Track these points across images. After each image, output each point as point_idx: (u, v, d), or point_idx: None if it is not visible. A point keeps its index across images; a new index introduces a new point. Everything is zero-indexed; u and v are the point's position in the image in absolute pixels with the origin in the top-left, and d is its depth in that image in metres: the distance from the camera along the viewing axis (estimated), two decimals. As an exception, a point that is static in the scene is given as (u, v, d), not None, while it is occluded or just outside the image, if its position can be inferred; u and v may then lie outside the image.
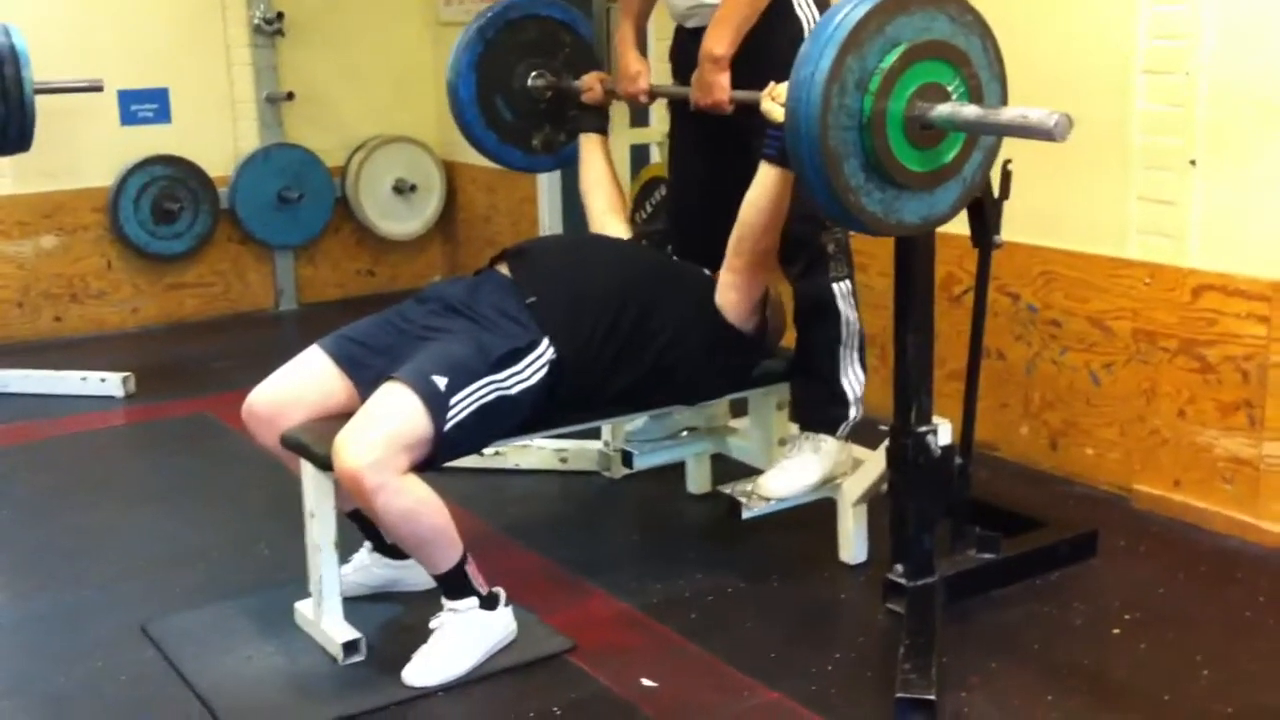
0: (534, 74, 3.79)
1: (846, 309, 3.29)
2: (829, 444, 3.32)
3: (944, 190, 2.57)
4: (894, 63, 2.41)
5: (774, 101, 2.93)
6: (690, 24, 3.39)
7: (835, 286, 3.28)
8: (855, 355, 3.33)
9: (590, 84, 3.66)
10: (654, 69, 3.56)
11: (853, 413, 3.33)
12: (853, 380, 3.32)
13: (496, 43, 3.77)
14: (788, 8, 3.17)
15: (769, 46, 3.12)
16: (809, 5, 3.21)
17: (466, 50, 3.75)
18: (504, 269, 3.18)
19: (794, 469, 3.32)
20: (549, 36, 3.82)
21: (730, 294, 3.15)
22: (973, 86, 2.50)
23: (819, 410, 3.34)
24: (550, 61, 3.82)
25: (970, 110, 2.44)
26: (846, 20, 2.39)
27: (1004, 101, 2.59)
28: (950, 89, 2.47)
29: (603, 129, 3.72)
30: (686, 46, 3.40)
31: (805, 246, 3.23)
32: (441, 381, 2.78)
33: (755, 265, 3.13)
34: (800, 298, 3.33)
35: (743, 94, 3.11)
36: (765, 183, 3.02)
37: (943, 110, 2.44)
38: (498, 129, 3.82)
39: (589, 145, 3.70)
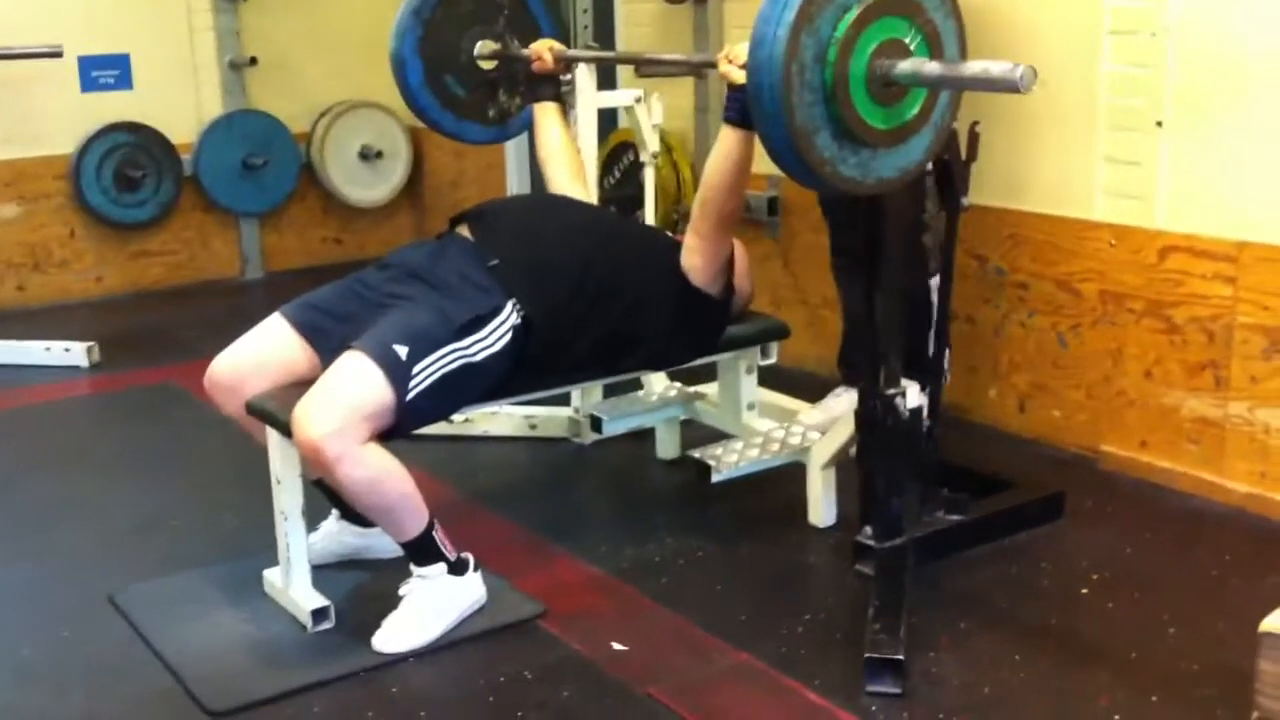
0: (478, 44, 3.76)
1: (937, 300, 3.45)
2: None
3: (917, 139, 2.56)
4: (848, 29, 2.37)
5: (730, 64, 2.91)
6: None
7: (930, 282, 3.37)
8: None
9: (539, 52, 3.62)
10: (627, 35, 3.52)
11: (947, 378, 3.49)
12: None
13: (434, 21, 3.72)
14: None
15: None
16: None
17: (407, 35, 3.70)
18: (465, 231, 3.16)
19: None
20: (486, 2, 3.78)
21: (694, 257, 3.14)
22: (929, 33, 2.47)
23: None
24: (491, 28, 3.78)
25: (932, 67, 2.42)
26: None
27: (962, 40, 2.56)
28: (908, 40, 2.45)
29: (557, 96, 3.69)
30: None
31: (909, 246, 3.20)
32: (403, 350, 2.76)
33: (720, 228, 3.11)
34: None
35: (698, 56, 3.09)
36: (727, 144, 3.00)
37: (905, 68, 2.42)
38: (453, 107, 3.79)
39: (543, 114, 3.67)
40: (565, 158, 3.62)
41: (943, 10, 2.52)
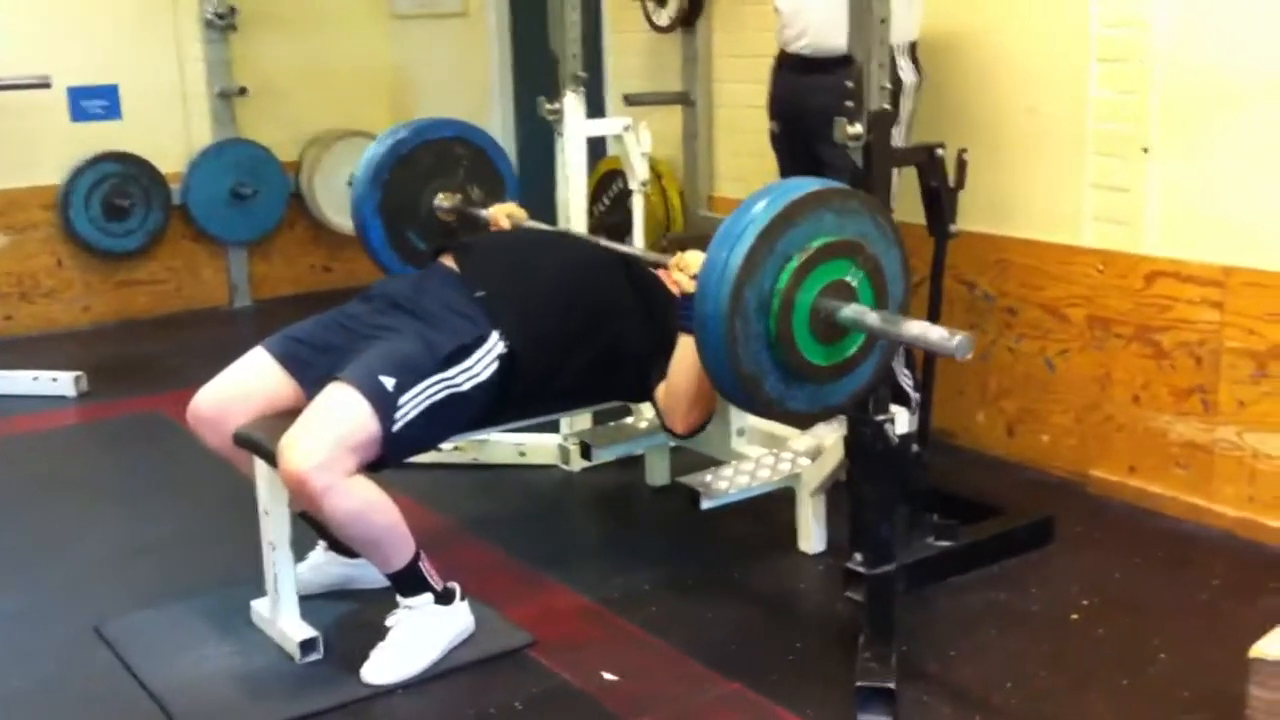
0: (439, 196, 3.79)
1: None
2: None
3: (864, 366, 2.56)
4: (790, 279, 2.38)
5: (681, 272, 2.87)
6: (793, 48, 3.65)
7: None
8: (901, 361, 3.58)
9: (496, 219, 3.64)
10: (616, 64, 3.49)
11: (914, 397, 3.54)
12: (904, 379, 3.60)
13: (395, 180, 3.75)
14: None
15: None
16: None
17: (367, 199, 3.72)
18: (450, 261, 3.16)
19: None
20: (444, 156, 3.82)
21: (663, 411, 3.09)
22: (870, 269, 2.47)
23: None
24: (451, 180, 3.81)
25: (872, 318, 2.41)
26: (735, 255, 2.33)
27: (905, 267, 2.56)
28: (849, 279, 2.44)
29: None
30: (788, 76, 3.71)
31: None
32: (389, 381, 2.75)
33: (684, 431, 3.07)
34: None
35: (653, 255, 3.16)
36: (686, 353, 2.88)
37: (847, 314, 2.42)
38: (415, 262, 3.77)
39: None
40: None
41: (884, 241, 2.52)
